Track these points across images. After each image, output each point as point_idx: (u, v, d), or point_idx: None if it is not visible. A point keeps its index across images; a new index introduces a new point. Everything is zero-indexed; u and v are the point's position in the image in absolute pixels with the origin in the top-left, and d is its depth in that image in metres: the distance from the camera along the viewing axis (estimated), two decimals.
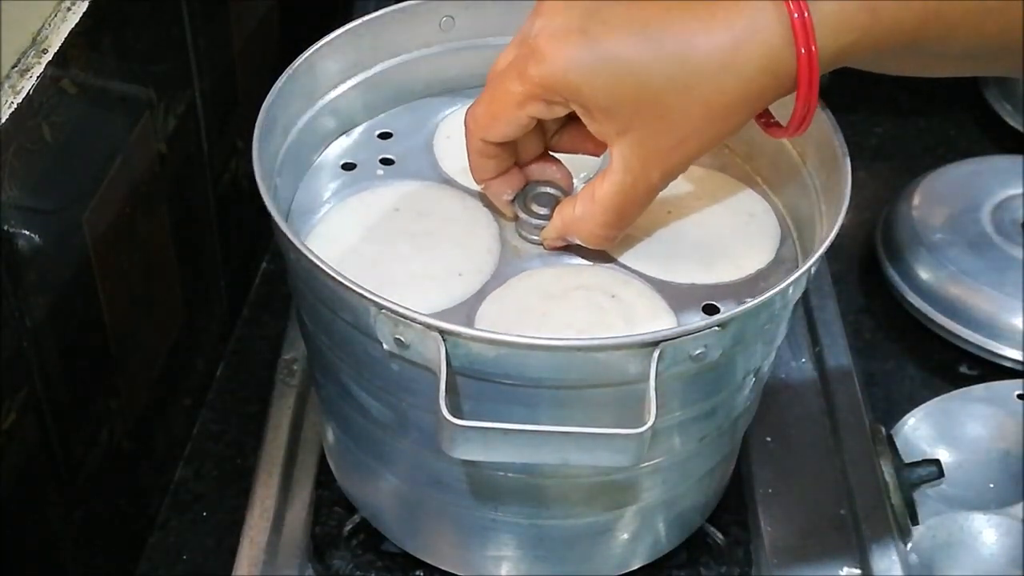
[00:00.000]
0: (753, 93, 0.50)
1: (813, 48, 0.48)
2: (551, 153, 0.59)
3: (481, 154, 0.56)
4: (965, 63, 0.52)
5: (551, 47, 0.50)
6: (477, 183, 0.58)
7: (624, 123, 0.51)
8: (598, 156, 0.58)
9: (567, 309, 0.55)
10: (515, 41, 0.53)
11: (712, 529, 0.67)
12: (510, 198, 0.58)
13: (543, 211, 0.58)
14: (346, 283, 0.49)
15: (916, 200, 0.92)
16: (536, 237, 0.58)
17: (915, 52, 0.50)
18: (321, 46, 0.61)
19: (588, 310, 0.55)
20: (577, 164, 0.61)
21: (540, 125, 0.56)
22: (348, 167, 0.63)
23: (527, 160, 0.58)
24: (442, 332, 0.48)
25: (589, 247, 0.57)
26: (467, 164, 0.58)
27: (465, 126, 0.56)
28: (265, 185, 0.53)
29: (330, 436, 0.66)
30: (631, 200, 0.53)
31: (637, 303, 0.56)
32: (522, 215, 0.58)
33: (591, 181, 0.55)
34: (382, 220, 0.60)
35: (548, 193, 0.58)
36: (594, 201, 0.54)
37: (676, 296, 0.57)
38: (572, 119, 0.56)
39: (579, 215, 0.55)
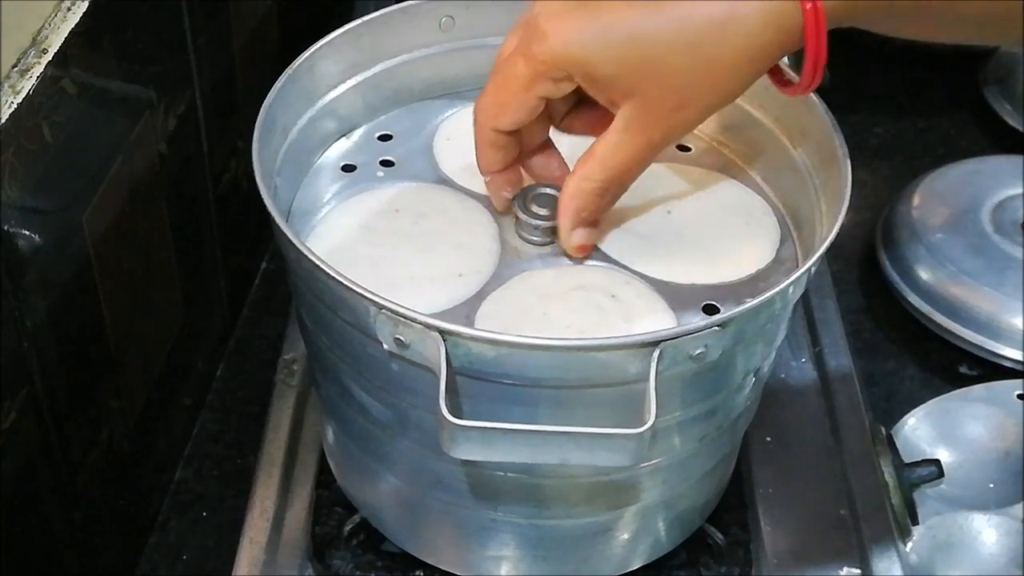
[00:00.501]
0: (758, 50, 0.50)
1: (819, 2, 0.48)
2: (553, 148, 0.59)
3: (492, 145, 0.56)
4: (972, 28, 0.52)
5: (551, 24, 0.51)
6: (483, 174, 0.58)
7: (628, 88, 0.51)
8: None
9: (567, 309, 0.55)
10: (515, 27, 0.54)
11: (712, 529, 0.67)
12: (510, 196, 0.58)
13: (543, 211, 0.58)
14: (346, 283, 0.49)
15: (916, 200, 0.92)
16: (536, 237, 0.58)
17: (922, 12, 0.50)
18: (321, 46, 0.62)
19: (588, 310, 0.55)
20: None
21: (546, 110, 0.56)
22: (348, 169, 0.63)
23: (531, 149, 0.58)
24: (442, 332, 0.48)
25: (595, 210, 0.56)
26: (467, 165, 0.58)
27: (474, 118, 0.55)
28: (265, 185, 0.53)
29: (330, 436, 0.66)
30: (630, 157, 0.53)
31: (637, 303, 0.56)
32: (522, 216, 0.58)
33: (592, 144, 0.54)
34: (382, 221, 0.60)
35: (548, 194, 0.58)
36: (593, 157, 0.54)
37: (676, 296, 0.57)
38: (580, 102, 0.56)
39: (578, 175, 0.55)
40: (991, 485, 0.76)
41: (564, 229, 0.57)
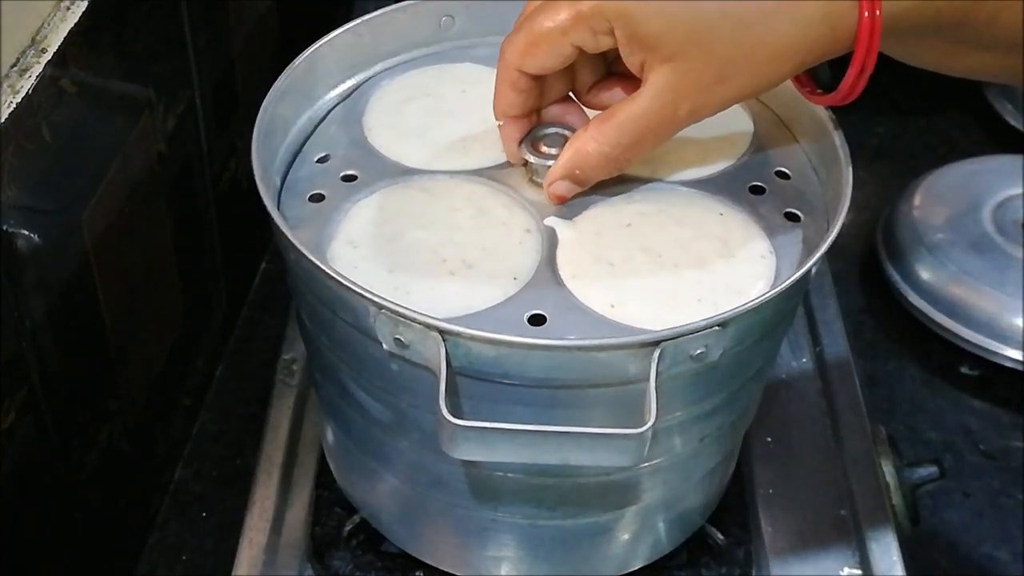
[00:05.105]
0: (807, 41, 0.49)
1: (877, 12, 0.48)
2: (574, 102, 0.57)
3: (513, 86, 0.54)
4: (1007, 55, 0.51)
5: None
6: (497, 118, 0.56)
7: (669, 52, 0.49)
8: None
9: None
10: None
11: (712, 529, 0.67)
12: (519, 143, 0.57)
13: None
14: (346, 283, 0.49)
15: (917, 200, 0.92)
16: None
17: (963, 31, 0.50)
18: (321, 46, 0.61)
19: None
20: None
21: (571, 70, 0.55)
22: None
23: (549, 102, 0.56)
24: (442, 332, 0.48)
25: (592, 176, 0.55)
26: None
27: (500, 55, 0.54)
28: (265, 185, 0.53)
29: (330, 436, 0.66)
30: (652, 128, 0.52)
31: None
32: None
33: (611, 107, 0.53)
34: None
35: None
36: (612, 119, 0.52)
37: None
38: (608, 75, 0.55)
39: (591, 134, 0.53)
40: None
41: (552, 174, 0.55)
